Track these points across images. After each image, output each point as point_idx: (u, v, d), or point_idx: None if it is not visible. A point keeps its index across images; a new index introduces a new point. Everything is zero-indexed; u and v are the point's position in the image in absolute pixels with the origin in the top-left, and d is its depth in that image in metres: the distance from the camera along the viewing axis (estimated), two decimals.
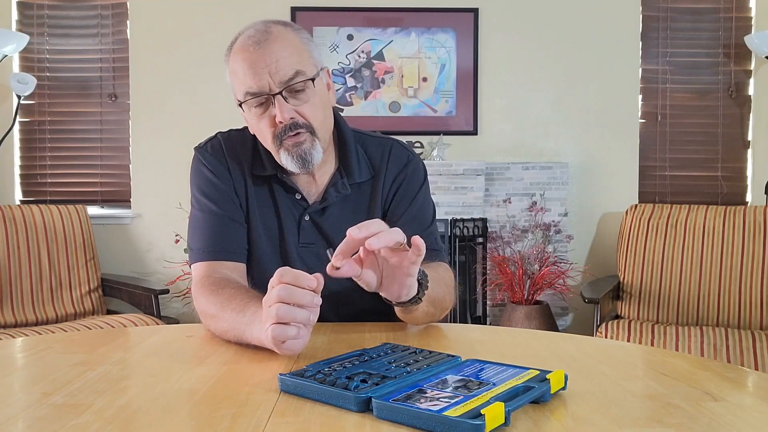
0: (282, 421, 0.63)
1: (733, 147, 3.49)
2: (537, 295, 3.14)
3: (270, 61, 1.03)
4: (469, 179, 3.21)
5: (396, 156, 1.22)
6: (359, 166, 1.19)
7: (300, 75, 1.05)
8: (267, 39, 1.04)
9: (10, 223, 2.78)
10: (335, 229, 1.17)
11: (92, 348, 0.94)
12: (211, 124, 3.32)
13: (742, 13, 3.46)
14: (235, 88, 1.08)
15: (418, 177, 1.23)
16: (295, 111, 1.06)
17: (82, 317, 2.86)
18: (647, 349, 1.02)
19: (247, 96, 1.05)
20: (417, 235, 1.14)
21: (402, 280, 0.88)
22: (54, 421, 0.63)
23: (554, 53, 3.43)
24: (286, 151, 1.07)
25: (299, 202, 1.18)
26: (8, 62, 3.32)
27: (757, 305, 2.74)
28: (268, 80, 1.03)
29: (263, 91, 1.04)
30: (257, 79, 1.03)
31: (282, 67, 1.03)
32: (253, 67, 1.03)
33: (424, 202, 1.23)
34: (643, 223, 3.02)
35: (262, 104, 1.06)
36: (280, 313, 0.78)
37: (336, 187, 1.17)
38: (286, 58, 1.04)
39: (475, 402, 0.63)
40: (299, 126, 1.06)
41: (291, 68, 1.04)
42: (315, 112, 1.08)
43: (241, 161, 1.18)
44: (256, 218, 1.17)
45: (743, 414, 0.66)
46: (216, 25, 3.35)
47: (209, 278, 1.08)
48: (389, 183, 1.21)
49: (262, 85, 1.03)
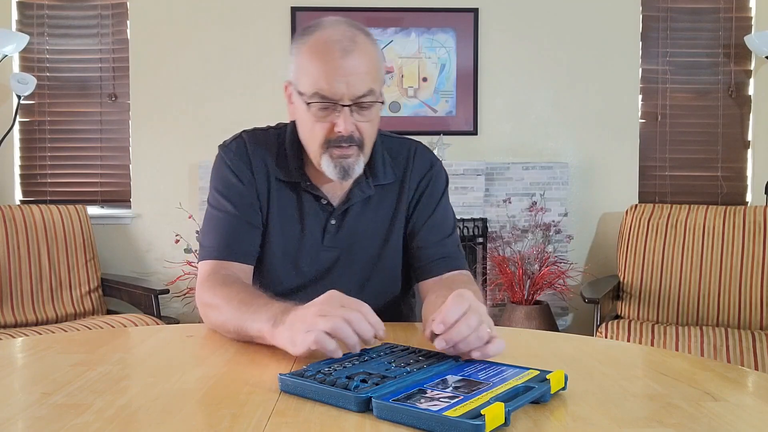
0: (282, 421, 0.63)
1: (733, 147, 3.49)
2: (537, 295, 3.13)
3: (350, 72, 1.02)
4: (469, 179, 3.21)
5: (420, 160, 1.23)
6: (384, 167, 1.19)
7: (371, 94, 1.05)
8: (353, 50, 1.03)
9: (10, 223, 2.78)
10: (355, 229, 1.18)
11: (92, 348, 0.94)
12: (211, 124, 3.35)
13: (742, 13, 3.46)
14: (301, 79, 1.07)
15: (441, 182, 1.24)
16: (355, 125, 1.06)
17: (82, 317, 2.85)
18: (647, 349, 1.02)
19: (315, 96, 1.04)
20: (437, 244, 1.19)
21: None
22: (54, 421, 0.63)
23: (554, 53, 3.43)
24: (330, 158, 1.07)
25: (325, 207, 1.18)
26: (8, 62, 3.32)
27: (757, 305, 2.74)
28: (344, 91, 1.03)
29: (334, 99, 1.03)
30: (333, 85, 1.02)
31: (359, 82, 1.03)
32: (333, 72, 1.02)
33: (446, 209, 1.24)
34: (643, 223, 3.02)
35: (326, 108, 1.05)
36: (337, 328, 0.79)
37: (360, 186, 1.17)
38: (364, 75, 1.04)
39: (475, 402, 0.63)
40: (353, 140, 1.07)
41: (366, 86, 1.04)
42: (371, 131, 1.10)
43: (267, 164, 1.17)
44: (275, 221, 1.17)
45: (743, 414, 0.66)
46: (216, 25, 3.35)
47: (217, 274, 1.09)
48: (413, 188, 1.21)
49: (335, 93, 1.03)
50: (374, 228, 1.20)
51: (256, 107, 3.32)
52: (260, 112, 3.17)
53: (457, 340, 0.78)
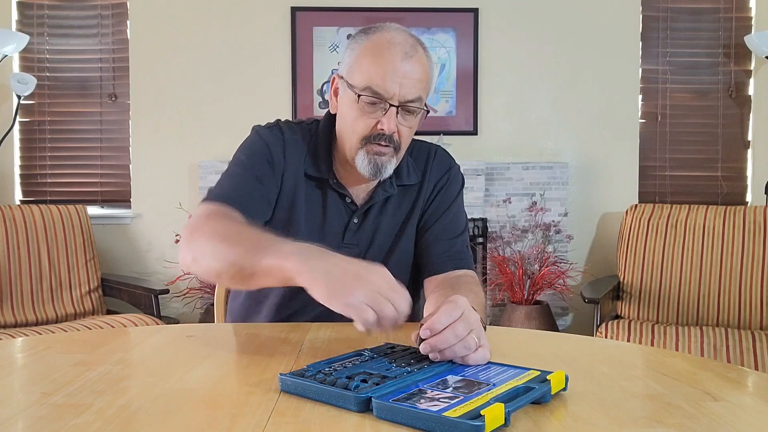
0: (282, 421, 0.63)
1: (733, 147, 3.49)
2: (537, 295, 3.13)
3: (406, 75, 1.06)
4: (469, 179, 3.21)
5: (439, 162, 1.27)
6: (408, 168, 1.22)
7: (419, 102, 1.09)
8: (414, 56, 1.07)
9: (10, 223, 2.78)
10: (374, 228, 1.20)
11: (92, 348, 0.94)
12: (211, 124, 3.35)
13: (742, 13, 3.46)
14: (355, 73, 1.09)
15: (456, 185, 1.28)
16: (397, 128, 1.09)
17: (82, 317, 2.85)
18: (647, 349, 1.02)
19: (367, 90, 1.06)
20: (446, 241, 1.20)
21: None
22: (54, 421, 0.63)
23: (554, 53, 3.43)
24: (366, 153, 1.10)
25: (349, 205, 1.19)
26: (8, 62, 3.32)
27: (757, 305, 2.74)
28: (396, 91, 1.06)
29: (384, 97, 1.06)
30: (388, 84, 1.06)
31: (412, 86, 1.07)
32: (392, 72, 1.05)
33: (459, 211, 1.26)
34: (643, 223, 3.02)
35: (374, 104, 1.07)
36: (377, 304, 0.78)
37: (384, 186, 1.19)
38: (417, 81, 1.08)
39: (475, 402, 0.63)
40: (392, 141, 1.10)
41: (417, 92, 1.08)
42: (408, 137, 1.14)
43: (299, 156, 1.18)
44: (300, 214, 1.17)
45: (743, 414, 0.66)
46: (216, 25, 3.35)
47: (219, 212, 1.05)
48: (431, 188, 1.25)
49: (388, 91, 1.06)
50: (391, 227, 1.22)
51: (256, 107, 3.32)
52: (260, 113, 3.17)
53: (442, 347, 0.78)
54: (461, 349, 0.78)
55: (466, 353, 0.78)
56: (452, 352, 0.78)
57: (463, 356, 0.78)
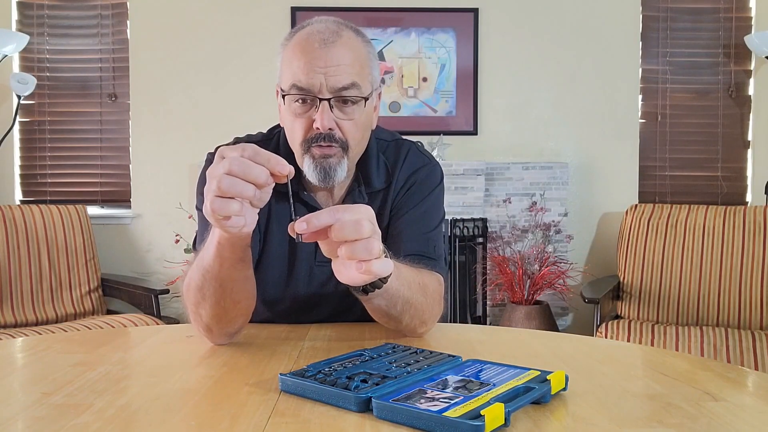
0: (282, 421, 0.63)
1: (733, 147, 3.49)
2: (537, 295, 3.13)
3: (330, 64, 0.97)
4: (469, 179, 3.21)
5: (411, 161, 1.16)
6: (378, 173, 1.13)
7: (354, 88, 0.99)
8: (335, 41, 0.99)
9: (10, 223, 2.78)
10: None
11: (92, 348, 0.94)
12: (211, 124, 3.35)
13: (742, 13, 3.46)
14: (283, 76, 1.03)
15: (432, 181, 1.16)
16: (336, 123, 0.99)
17: (82, 317, 2.85)
18: (647, 349, 1.02)
19: (293, 89, 0.99)
20: (416, 238, 1.09)
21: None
22: (54, 421, 0.63)
23: (554, 53, 3.43)
24: (311, 158, 1.01)
25: None
26: (8, 62, 3.32)
27: (757, 305, 2.74)
28: (321, 81, 0.97)
29: (311, 91, 0.98)
30: (310, 76, 0.97)
31: (340, 73, 0.97)
32: (310, 63, 0.97)
33: (432, 207, 1.15)
34: (643, 223, 3.02)
35: (305, 103, 0.99)
36: (224, 186, 0.70)
37: (353, 195, 1.11)
38: (347, 66, 0.98)
39: (475, 402, 0.63)
40: (334, 139, 0.99)
41: (348, 78, 0.98)
42: (355, 132, 1.02)
43: None
44: (273, 235, 1.11)
45: (743, 414, 0.66)
46: (216, 25, 3.35)
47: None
48: (400, 185, 1.15)
49: (313, 84, 0.97)
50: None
51: (256, 108, 3.32)
52: (260, 113, 3.17)
53: (340, 238, 0.69)
54: (363, 251, 0.70)
55: (367, 257, 0.70)
56: (351, 250, 0.70)
57: (361, 259, 0.70)
